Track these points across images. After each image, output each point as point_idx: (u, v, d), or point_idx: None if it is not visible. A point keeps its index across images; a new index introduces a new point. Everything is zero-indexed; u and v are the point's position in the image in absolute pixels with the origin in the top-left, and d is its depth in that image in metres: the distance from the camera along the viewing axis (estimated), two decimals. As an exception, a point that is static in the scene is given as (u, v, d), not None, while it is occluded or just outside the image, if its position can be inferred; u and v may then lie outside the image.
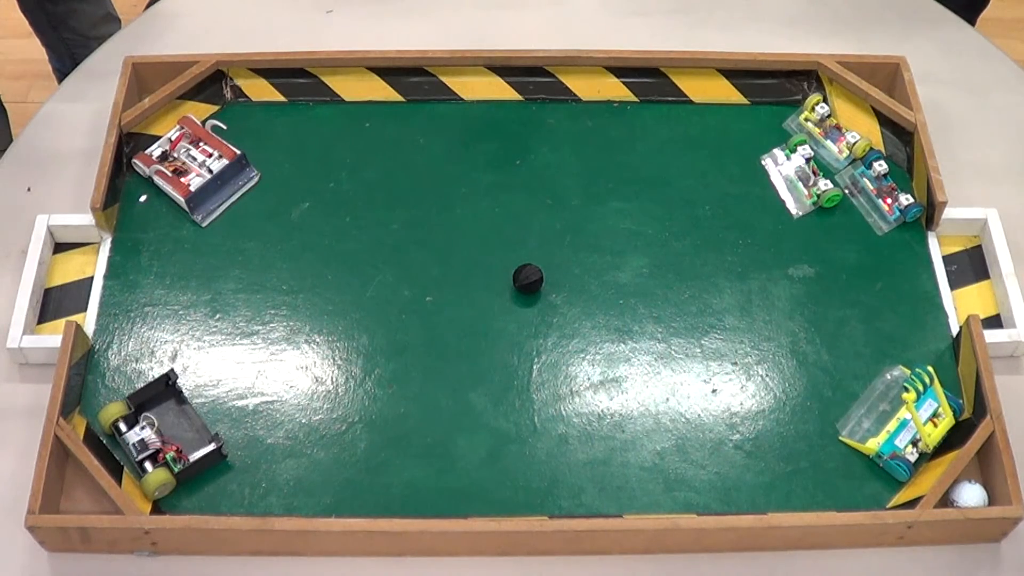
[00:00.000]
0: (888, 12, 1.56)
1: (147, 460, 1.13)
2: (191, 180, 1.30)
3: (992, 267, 1.29)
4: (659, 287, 1.27)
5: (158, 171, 1.30)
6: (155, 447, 1.13)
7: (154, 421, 1.15)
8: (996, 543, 1.12)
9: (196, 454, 1.12)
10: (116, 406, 1.15)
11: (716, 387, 1.20)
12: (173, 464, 1.12)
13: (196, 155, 1.32)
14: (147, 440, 1.13)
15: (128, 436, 1.14)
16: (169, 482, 1.12)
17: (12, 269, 1.27)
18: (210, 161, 1.31)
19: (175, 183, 1.30)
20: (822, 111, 1.36)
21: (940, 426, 1.14)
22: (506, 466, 1.15)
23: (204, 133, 1.34)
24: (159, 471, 1.11)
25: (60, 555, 1.11)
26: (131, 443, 1.13)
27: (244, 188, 1.32)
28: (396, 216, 1.31)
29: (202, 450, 1.12)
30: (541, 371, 1.21)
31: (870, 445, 1.14)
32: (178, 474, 1.12)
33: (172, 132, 1.34)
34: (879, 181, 1.31)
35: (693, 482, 1.14)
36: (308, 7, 1.54)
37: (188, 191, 1.29)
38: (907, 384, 1.12)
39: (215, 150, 1.33)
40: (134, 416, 1.16)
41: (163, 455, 1.12)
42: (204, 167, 1.31)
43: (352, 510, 1.11)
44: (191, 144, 1.33)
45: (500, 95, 1.41)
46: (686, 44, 1.43)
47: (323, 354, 1.22)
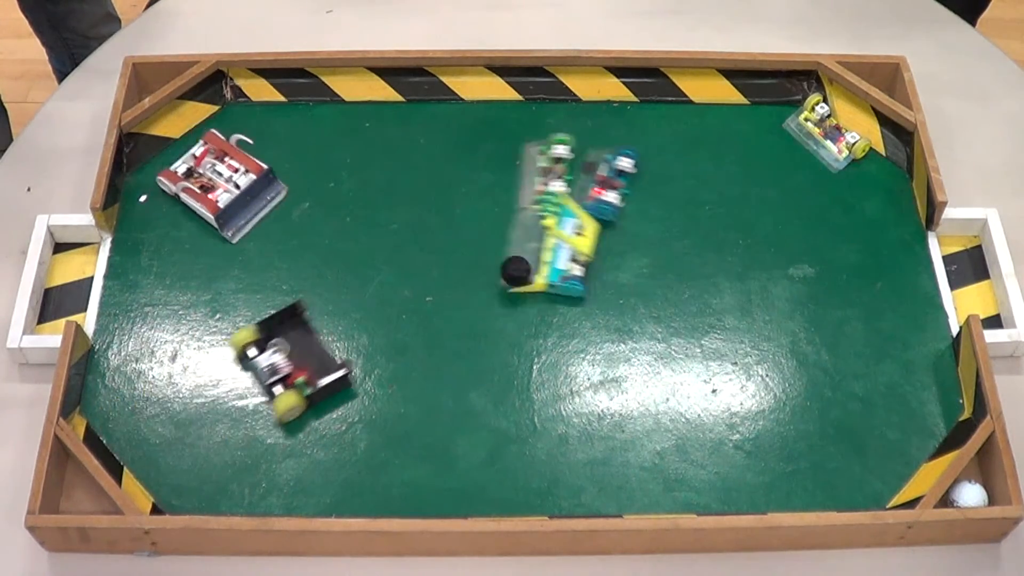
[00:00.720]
0: (888, 12, 1.56)
1: (277, 383, 1.17)
2: (219, 196, 1.29)
3: (992, 267, 1.29)
4: (659, 287, 1.27)
5: (185, 188, 1.29)
6: (285, 371, 1.17)
7: (286, 347, 1.19)
8: (996, 543, 1.12)
9: (325, 379, 1.16)
10: (247, 331, 1.20)
11: (716, 387, 1.20)
12: (303, 388, 1.16)
13: (222, 170, 1.31)
14: (277, 365, 1.17)
15: (259, 360, 1.18)
16: (299, 404, 1.16)
17: (12, 269, 1.27)
18: (237, 176, 1.30)
19: (203, 200, 1.29)
20: (822, 111, 1.36)
21: (587, 234, 1.18)
22: (506, 466, 1.15)
23: (229, 147, 1.33)
24: (289, 393, 1.15)
25: (60, 555, 1.11)
26: (262, 367, 1.17)
27: (272, 202, 1.31)
28: (396, 216, 1.31)
29: (331, 375, 1.17)
30: (541, 371, 1.21)
31: (538, 282, 1.18)
32: (308, 397, 1.16)
33: (196, 148, 1.33)
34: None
35: (693, 482, 1.14)
36: (308, 7, 1.54)
37: (217, 208, 1.28)
38: (542, 213, 1.16)
39: (241, 164, 1.31)
40: (264, 342, 1.19)
41: (293, 379, 1.16)
42: (231, 182, 1.30)
43: (352, 510, 1.11)
44: (216, 159, 1.32)
45: (500, 95, 1.41)
46: (686, 44, 1.43)
47: (323, 354, 1.22)
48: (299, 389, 1.16)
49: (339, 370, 1.17)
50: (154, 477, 1.13)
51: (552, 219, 1.15)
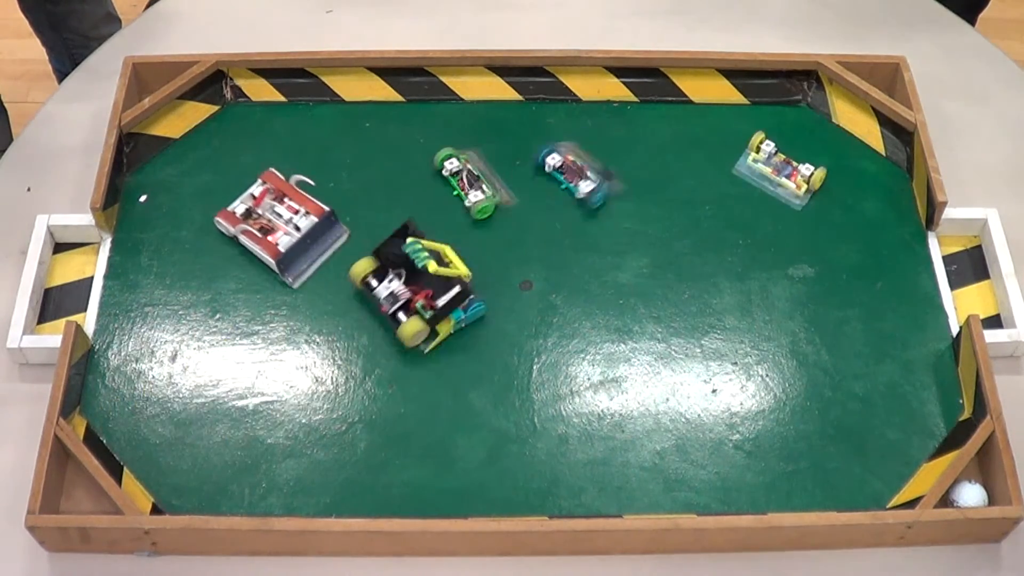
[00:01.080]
0: (888, 12, 1.56)
1: (399, 311, 1.18)
2: (279, 239, 1.25)
3: (992, 267, 1.29)
4: (659, 287, 1.27)
5: (245, 231, 1.26)
6: (405, 297, 1.18)
7: (402, 272, 1.19)
8: (996, 543, 1.12)
9: (443, 298, 1.17)
10: (365, 262, 1.21)
11: (716, 387, 1.20)
12: (423, 312, 1.17)
13: (282, 211, 1.27)
14: (396, 292, 1.18)
15: (379, 291, 1.19)
16: (423, 329, 1.17)
17: (12, 269, 1.27)
18: (297, 218, 1.26)
19: (263, 243, 1.25)
20: (768, 148, 1.34)
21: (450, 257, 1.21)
22: (506, 466, 1.15)
23: (288, 188, 1.29)
24: (412, 320, 1.17)
25: (60, 555, 1.11)
26: (382, 297, 1.19)
27: (334, 246, 1.28)
28: (396, 216, 1.31)
29: (448, 294, 1.17)
30: (541, 371, 1.21)
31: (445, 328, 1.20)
32: (430, 320, 1.17)
33: (255, 187, 1.29)
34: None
35: (693, 482, 1.14)
36: (308, 7, 1.54)
37: (278, 252, 1.24)
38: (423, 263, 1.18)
39: (301, 206, 1.28)
40: (383, 269, 1.20)
41: (413, 304, 1.17)
42: (291, 224, 1.26)
43: (352, 510, 1.11)
44: (275, 200, 1.28)
45: (500, 95, 1.41)
46: (686, 44, 1.43)
47: (323, 354, 1.22)
48: (420, 314, 1.17)
49: (455, 286, 1.17)
50: (154, 477, 1.13)
51: (431, 262, 1.16)
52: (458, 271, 1.20)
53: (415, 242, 1.20)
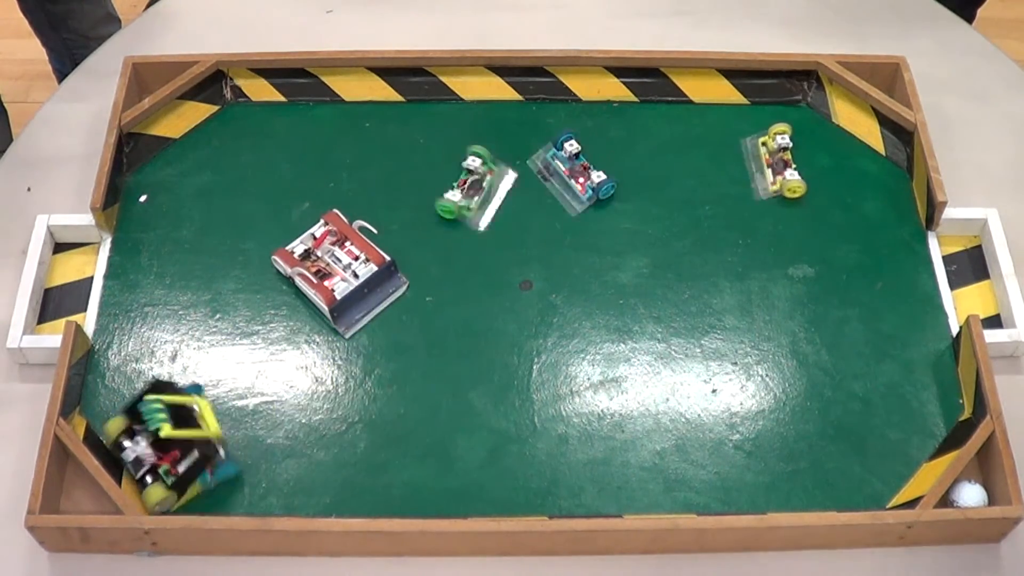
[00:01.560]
0: (888, 12, 1.56)
1: (147, 475, 1.10)
2: (335, 285, 1.22)
3: (992, 267, 1.29)
4: (659, 287, 1.27)
5: (300, 273, 1.22)
6: (150, 462, 1.10)
7: (147, 433, 1.11)
8: (996, 543, 1.12)
9: (183, 464, 1.09)
10: (116, 421, 1.12)
11: (716, 387, 1.20)
12: (166, 477, 1.09)
13: (341, 256, 1.23)
14: (142, 456, 1.10)
15: (126, 454, 1.11)
16: (167, 497, 1.09)
17: (12, 269, 1.27)
18: (356, 265, 1.23)
19: (319, 288, 1.21)
20: (782, 142, 1.34)
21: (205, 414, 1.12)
22: (506, 466, 1.15)
23: (351, 232, 1.25)
24: (154, 487, 1.09)
25: (60, 555, 1.11)
26: (128, 462, 1.11)
27: (392, 298, 1.24)
28: (396, 216, 1.31)
29: (187, 460, 1.09)
30: (541, 371, 1.21)
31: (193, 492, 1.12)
32: (173, 486, 1.09)
33: (316, 228, 1.26)
34: (571, 162, 1.32)
35: (693, 482, 1.14)
36: (308, 7, 1.54)
37: (333, 298, 1.21)
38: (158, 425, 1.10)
39: (362, 252, 1.23)
40: (131, 430, 1.12)
41: (158, 468, 1.10)
42: (349, 271, 1.22)
43: (352, 510, 1.11)
44: (335, 244, 1.24)
45: (500, 95, 1.41)
46: (686, 44, 1.43)
47: (323, 354, 1.22)
48: (163, 480, 1.09)
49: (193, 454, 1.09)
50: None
51: (166, 425, 1.09)
52: (207, 431, 1.11)
53: (155, 400, 1.11)
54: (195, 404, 1.13)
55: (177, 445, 1.10)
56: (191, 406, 1.13)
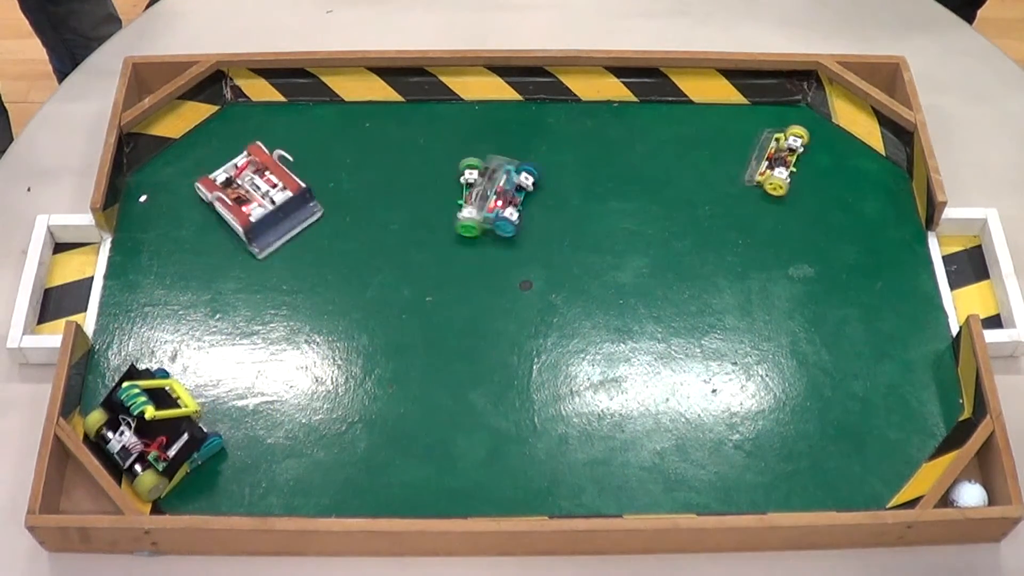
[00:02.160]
0: (888, 12, 1.56)
1: (136, 463, 1.11)
2: (252, 210, 1.26)
3: (992, 267, 1.29)
4: (659, 287, 1.27)
5: (219, 198, 1.27)
6: (138, 450, 1.10)
7: (131, 422, 1.11)
8: (996, 543, 1.12)
9: (175, 447, 1.09)
10: (96, 414, 1.13)
11: (716, 387, 1.20)
12: (156, 464, 1.10)
13: (260, 184, 1.28)
14: (128, 445, 1.11)
15: (111, 446, 1.11)
16: (159, 482, 1.10)
17: (12, 269, 1.27)
18: (274, 192, 1.27)
19: (236, 211, 1.26)
20: (793, 143, 1.34)
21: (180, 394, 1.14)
22: (506, 466, 1.15)
23: (271, 162, 1.30)
24: (146, 475, 1.10)
25: (60, 555, 1.11)
26: (115, 452, 1.11)
27: (306, 223, 1.28)
28: (396, 216, 1.31)
29: (179, 442, 1.10)
30: (541, 371, 1.21)
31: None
32: (165, 471, 1.10)
33: (239, 158, 1.31)
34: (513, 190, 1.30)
35: (693, 482, 1.14)
36: (308, 7, 1.54)
37: (248, 221, 1.25)
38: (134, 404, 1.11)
39: (280, 180, 1.28)
40: (115, 419, 1.12)
41: (147, 455, 1.10)
42: (267, 197, 1.27)
43: (352, 510, 1.11)
44: (256, 173, 1.29)
45: (500, 95, 1.41)
46: (686, 44, 1.43)
47: (323, 354, 1.22)
48: (154, 466, 1.10)
49: (183, 434, 1.10)
50: (154, 477, 1.13)
51: (148, 407, 1.09)
52: (186, 408, 1.12)
53: (131, 386, 1.12)
54: (168, 387, 1.14)
55: (163, 430, 1.10)
56: (165, 389, 1.14)
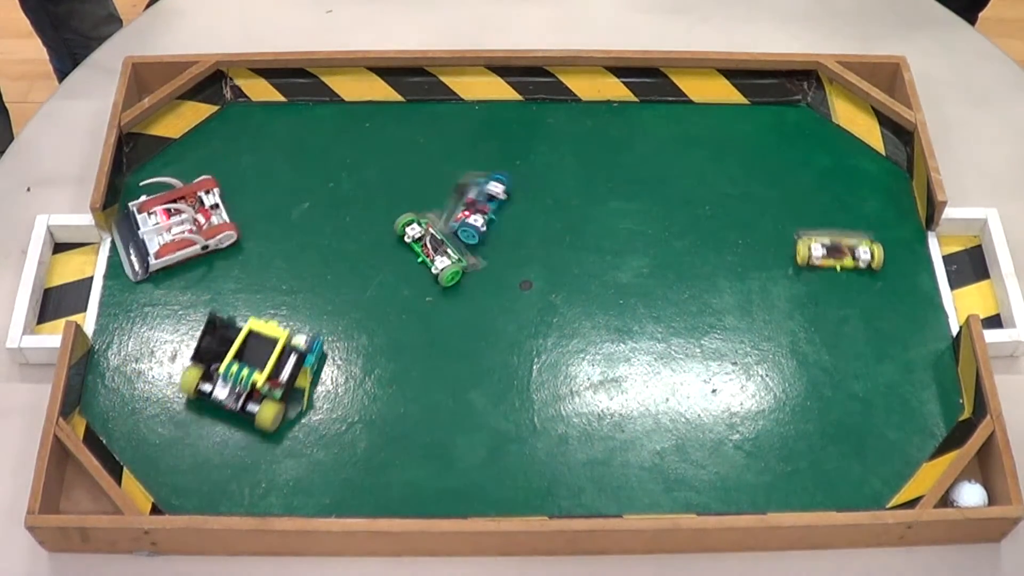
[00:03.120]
0: (888, 12, 1.56)
1: (248, 403, 1.15)
2: (213, 219, 1.28)
3: (992, 267, 1.29)
4: (659, 287, 1.27)
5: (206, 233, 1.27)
6: (243, 391, 1.15)
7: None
8: (996, 543, 1.12)
9: (285, 372, 1.14)
10: (192, 371, 1.16)
11: (716, 387, 1.20)
12: (272, 393, 1.14)
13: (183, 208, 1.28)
14: (234, 389, 1.15)
15: (217, 393, 1.15)
16: (280, 409, 1.15)
17: (12, 269, 1.27)
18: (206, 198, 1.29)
19: (221, 228, 1.27)
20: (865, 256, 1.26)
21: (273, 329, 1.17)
22: (506, 466, 1.15)
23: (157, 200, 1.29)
24: (266, 405, 1.14)
25: (60, 555, 1.11)
26: (224, 399, 1.15)
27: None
28: (396, 216, 1.31)
29: (288, 365, 1.14)
30: (541, 371, 1.21)
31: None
32: (283, 397, 1.15)
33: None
34: (483, 199, 1.29)
35: (693, 482, 1.14)
36: (308, 7, 1.54)
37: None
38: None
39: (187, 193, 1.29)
40: (208, 372, 1.16)
41: (257, 391, 1.15)
42: (207, 206, 1.29)
43: (352, 510, 1.11)
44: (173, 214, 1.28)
45: (500, 95, 1.41)
46: (686, 44, 1.44)
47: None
48: (269, 397, 1.14)
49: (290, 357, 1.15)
50: (154, 477, 1.13)
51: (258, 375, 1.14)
52: (279, 338, 1.16)
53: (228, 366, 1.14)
54: (250, 330, 1.17)
55: (259, 357, 1.15)
56: (251, 332, 1.17)
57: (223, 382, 1.15)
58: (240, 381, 1.14)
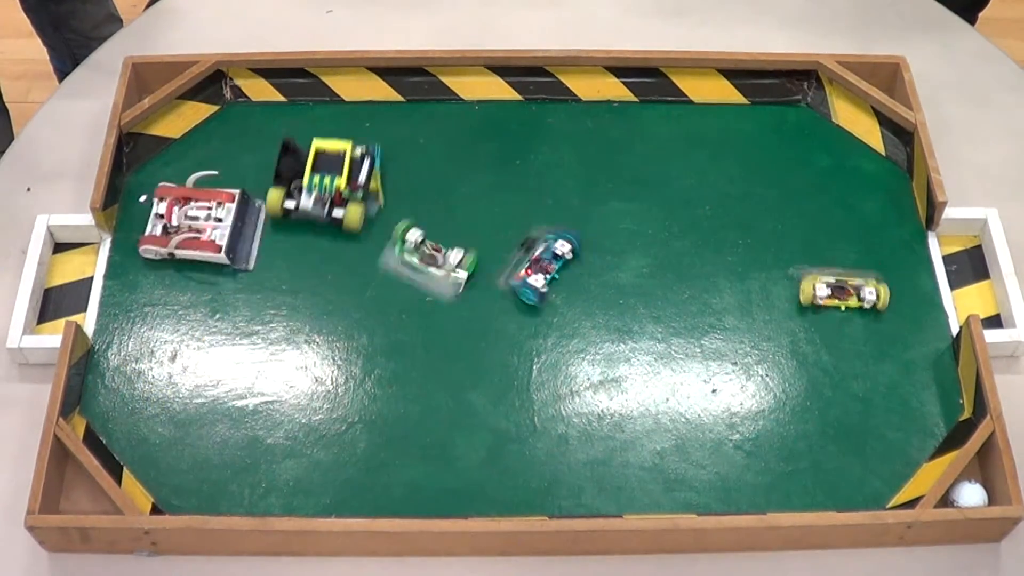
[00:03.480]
0: (888, 12, 1.56)
1: (333, 209, 1.25)
2: (212, 236, 1.25)
3: (992, 267, 1.29)
4: (659, 287, 1.27)
5: (180, 243, 1.24)
6: (328, 197, 1.25)
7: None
8: (996, 543, 1.12)
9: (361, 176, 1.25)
10: (274, 192, 1.26)
11: (716, 387, 1.20)
12: (353, 196, 1.25)
13: (197, 213, 1.27)
14: (319, 197, 1.25)
15: (304, 204, 1.25)
16: (361, 208, 1.26)
17: (12, 269, 1.27)
18: (216, 211, 1.27)
19: (202, 245, 1.24)
20: (871, 297, 1.23)
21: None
22: (506, 466, 1.15)
23: (187, 191, 1.28)
24: (351, 208, 1.26)
25: (60, 555, 1.11)
26: (310, 209, 1.24)
27: (261, 218, 1.30)
28: (396, 215, 1.31)
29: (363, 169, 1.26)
30: (541, 371, 1.21)
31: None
32: (364, 196, 1.26)
33: (157, 207, 1.27)
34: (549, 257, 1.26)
35: (693, 482, 1.14)
36: (308, 7, 1.54)
37: (219, 246, 1.24)
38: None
39: (212, 199, 1.27)
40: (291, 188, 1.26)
41: (339, 195, 1.25)
42: (212, 219, 1.26)
43: (352, 510, 1.11)
44: (182, 207, 1.27)
45: (500, 95, 1.41)
46: (686, 44, 1.43)
47: (323, 354, 1.22)
48: (352, 199, 1.25)
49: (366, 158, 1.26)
50: (154, 477, 1.13)
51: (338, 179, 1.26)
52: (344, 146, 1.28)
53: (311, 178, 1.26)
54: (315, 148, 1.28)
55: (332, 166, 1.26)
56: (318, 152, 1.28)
57: (307, 194, 1.23)
58: (324, 189, 1.24)
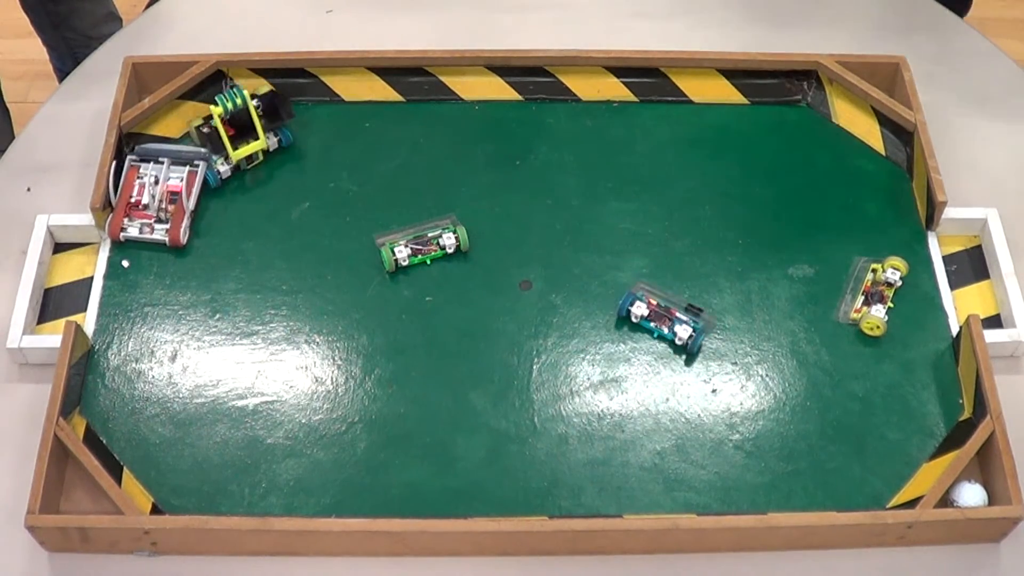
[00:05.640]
0: (888, 12, 1.56)
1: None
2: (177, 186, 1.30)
3: (992, 267, 1.29)
4: (659, 287, 1.27)
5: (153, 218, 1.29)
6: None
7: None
8: (996, 543, 1.12)
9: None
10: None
11: (716, 387, 1.20)
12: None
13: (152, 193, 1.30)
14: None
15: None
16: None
17: (12, 269, 1.27)
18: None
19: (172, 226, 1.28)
20: (891, 277, 1.24)
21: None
22: (506, 466, 1.15)
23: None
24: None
25: (60, 555, 1.11)
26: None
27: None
28: (396, 215, 1.31)
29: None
30: (541, 371, 1.21)
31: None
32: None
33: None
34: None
35: (693, 482, 1.14)
36: (308, 7, 1.54)
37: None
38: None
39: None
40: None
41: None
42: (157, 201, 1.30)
43: (352, 510, 1.11)
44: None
45: (500, 95, 1.41)
46: (686, 44, 1.43)
47: (323, 354, 1.22)
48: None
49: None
50: (154, 477, 1.13)
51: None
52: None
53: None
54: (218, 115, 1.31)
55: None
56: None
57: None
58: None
